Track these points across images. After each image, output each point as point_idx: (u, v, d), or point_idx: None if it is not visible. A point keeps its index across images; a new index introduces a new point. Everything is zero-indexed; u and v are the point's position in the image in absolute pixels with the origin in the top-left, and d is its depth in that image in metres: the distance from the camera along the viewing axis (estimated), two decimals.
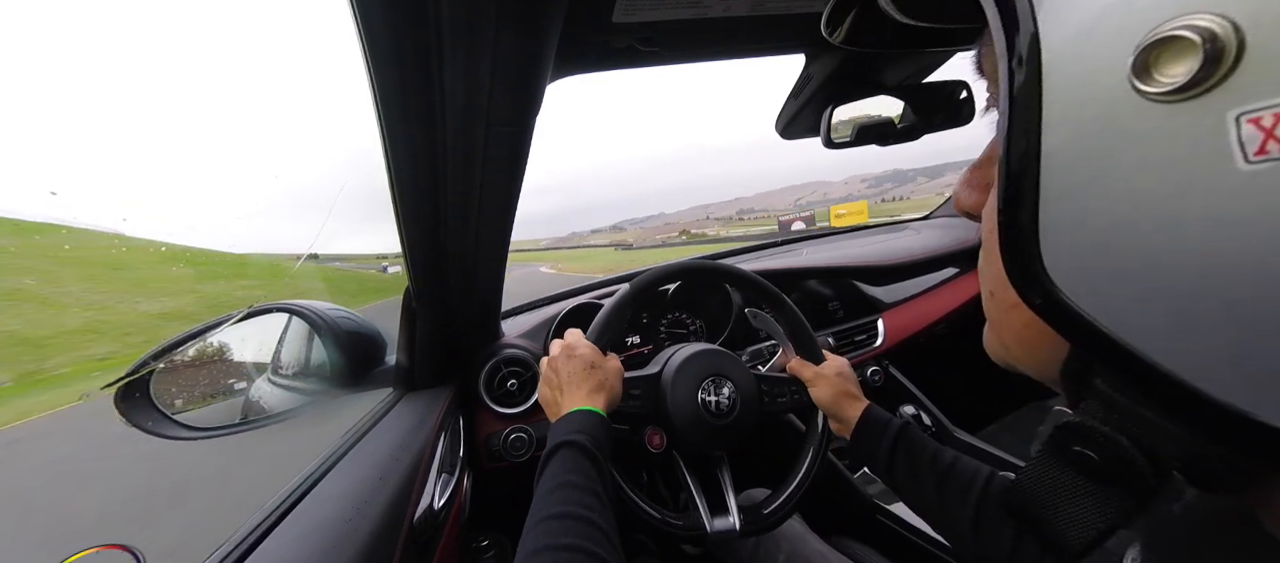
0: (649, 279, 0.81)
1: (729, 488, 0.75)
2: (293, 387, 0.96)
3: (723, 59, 0.67)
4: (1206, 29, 0.14)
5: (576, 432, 0.57)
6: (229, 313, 0.75)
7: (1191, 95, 0.15)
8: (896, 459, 0.63)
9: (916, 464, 0.61)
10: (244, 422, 0.78)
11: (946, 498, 0.58)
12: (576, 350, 0.68)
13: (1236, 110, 0.14)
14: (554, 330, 1.06)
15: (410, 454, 0.68)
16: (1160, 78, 0.15)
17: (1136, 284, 0.17)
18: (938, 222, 1.72)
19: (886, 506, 1.02)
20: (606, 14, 0.51)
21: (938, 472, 0.59)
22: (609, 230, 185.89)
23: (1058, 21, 0.17)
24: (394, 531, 0.56)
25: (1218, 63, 0.14)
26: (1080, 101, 0.17)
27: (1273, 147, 0.13)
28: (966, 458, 0.60)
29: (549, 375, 0.69)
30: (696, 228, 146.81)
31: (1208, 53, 0.14)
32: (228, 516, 0.64)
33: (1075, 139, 0.17)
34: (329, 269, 6.49)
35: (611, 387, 0.68)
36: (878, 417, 0.68)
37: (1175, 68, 0.15)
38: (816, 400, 0.76)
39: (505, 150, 0.59)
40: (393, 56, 0.46)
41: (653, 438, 0.74)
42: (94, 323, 20.81)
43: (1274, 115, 0.13)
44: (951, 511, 0.57)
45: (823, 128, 0.78)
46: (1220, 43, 0.14)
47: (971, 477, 0.57)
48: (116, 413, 0.63)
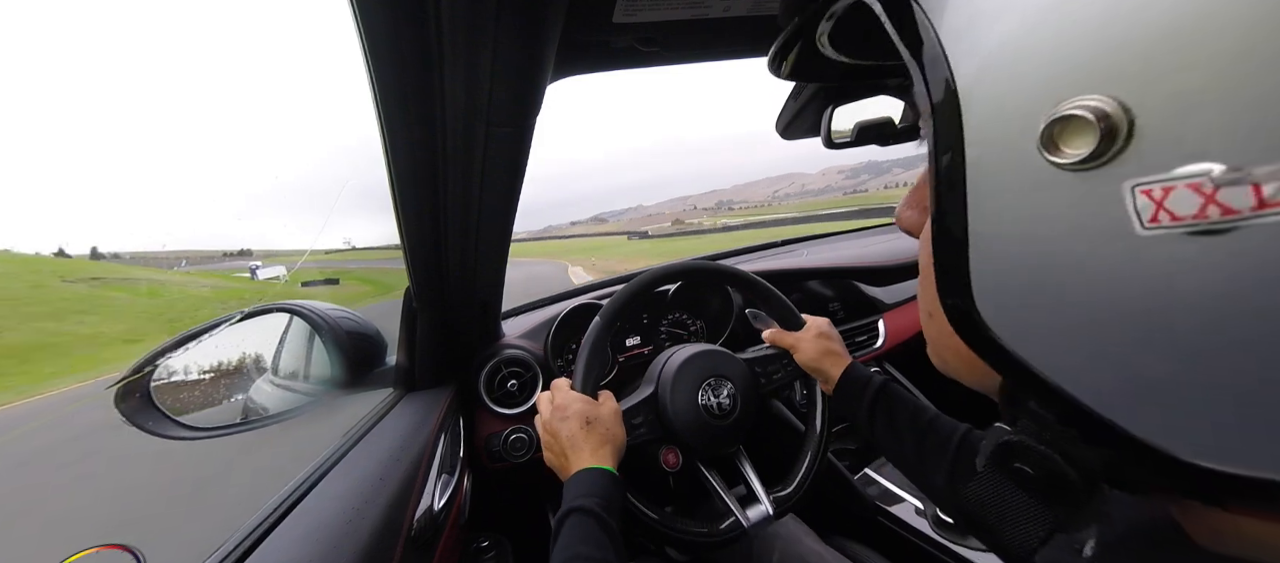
0: (622, 300, 0.77)
1: (753, 477, 0.76)
2: (293, 387, 0.96)
3: (723, 59, 0.67)
4: (1099, 109, 0.15)
5: (584, 495, 0.57)
6: (230, 313, 0.75)
7: (1092, 167, 0.16)
8: (877, 415, 0.65)
9: (896, 420, 0.64)
10: (244, 422, 0.79)
11: (925, 453, 0.60)
12: (568, 409, 0.65)
13: (1131, 182, 0.16)
14: (554, 333, 1.06)
15: (410, 455, 0.68)
16: (1066, 150, 0.16)
17: (1054, 327, 0.19)
18: None
19: (887, 507, 1.02)
20: (607, 14, 0.51)
21: (917, 428, 0.62)
22: (589, 221, 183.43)
23: (973, 94, 0.19)
24: (394, 531, 0.56)
25: (1112, 139, 0.15)
26: (999, 166, 0.19)
27: (1163, 216, 0.15)
28: (945, 416, 0.62)
29: (548, 441, 0.66)
30: (689, 218, 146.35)
31: (1103, 130, 0.15)
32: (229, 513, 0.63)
33: (996, 196, 0.19)
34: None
35: (614, 434, 0.66)
36: (859, 374, 0.70)
37: (1077, 142, 0.16)
38: (802, 364, 0.77)
39: (505, 151, 0.59)
40: (393, 57, 0.46)
41: (667, 458, 0.74)
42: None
43: (1163, 189, 0.15)
44: (929, 465, 0.60)
45: (823, 128, 0.77)
46: (1113, 122, 0.15)
47: (949, 433, 0.59)
48: (117, 412, 0.64)
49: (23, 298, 24.29)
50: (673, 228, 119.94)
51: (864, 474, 1.12)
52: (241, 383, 1.09)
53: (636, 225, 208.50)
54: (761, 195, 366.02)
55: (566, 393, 0.68)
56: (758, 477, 0.75)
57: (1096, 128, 0.15)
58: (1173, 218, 0.15)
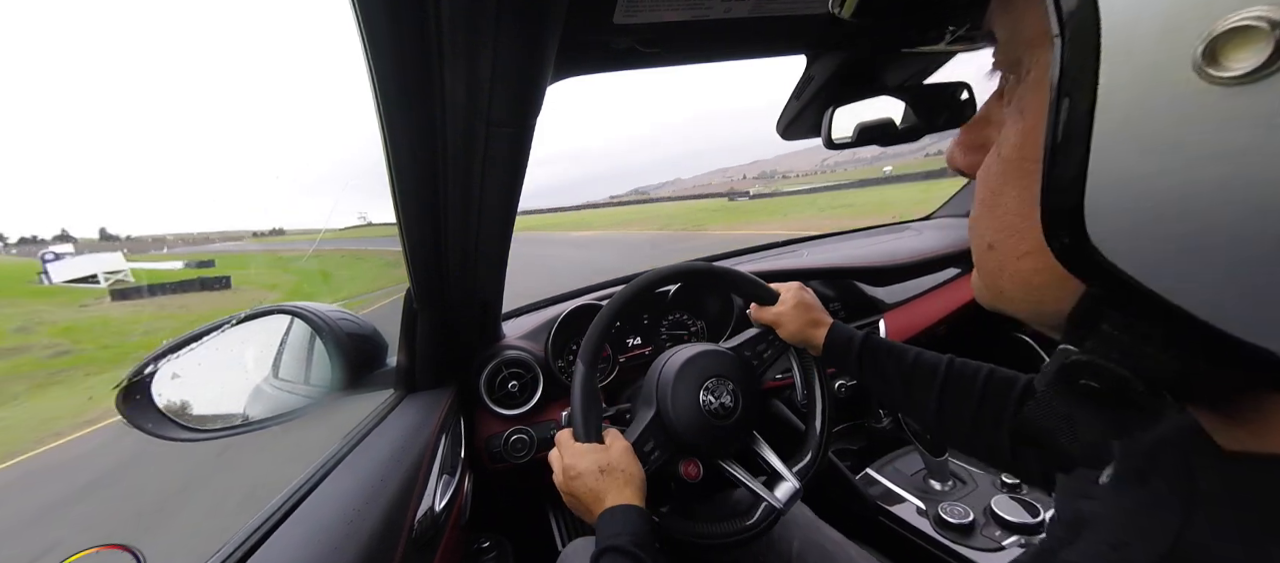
0: (592, 342, 0.73)
1: (774, 457, 0.77)
2: (293, 388, 0.96)
3: (724, 60, 0.67)
4: (1273, 17, 0.15)
5: (615, 535, 0.57)
6: (231, 314, 0.75)
7: (1258, 78, 0.15)
8: (865, 366, 0.71)
9: (883, 367, 0.69)
10: (245, 423, 0.78)
11: (913, 391, 0.66)
12: (579, 466, 0.64)
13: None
14: (554, 333, 1.06)
15: (411, 456, 0.68)
16: (1231, 65, 0.16)
17: (1188, 249, 0.18)
18: (938, 222, 1.72)
19: (888, 507, 1.02)
20: (607, 15, 0.51)
21: (902, 371, 0.67)
22: (630, 194, 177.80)
23: (1118, 16, 0.18)
24: (395, 532, 0.56)
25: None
26: (1139, 93, 0.18)
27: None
28: (926, 353, 0.68)
29: (570, 502, 0.65)
30: (739, 187, 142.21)
31: (1277, 39, 0.15)
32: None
33: (1135, 120, 0.18)
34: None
35: (632, 474, 0.64)
36: (842, 333, 0.75)
37: (1244, 55, 0.15)
38: (786, 337, 0.79)
39: (505, 151, 0.59)
40: (394, 57, 0.46)
41: (688, 470, 0.74)
42: None
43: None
44: (917, 400, 0.66)
45: (824, 129, 0.78)
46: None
47: (933, 368, 0.65)
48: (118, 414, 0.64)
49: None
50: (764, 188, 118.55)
51: (865, 474, 1.12)
52: (242, 385, 1.09)
53: (683, 194, 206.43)
54: (808, 164, 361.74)
55: (573, 449, 0.66)
56: (778, 457, 0.77)
57: (1270, 36, 0.15)
58: None
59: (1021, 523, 0.88)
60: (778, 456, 0.76)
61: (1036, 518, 0.88)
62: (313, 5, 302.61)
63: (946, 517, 0.92)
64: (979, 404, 0.60)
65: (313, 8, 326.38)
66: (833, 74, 0.71)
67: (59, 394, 8.59)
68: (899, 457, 1.15)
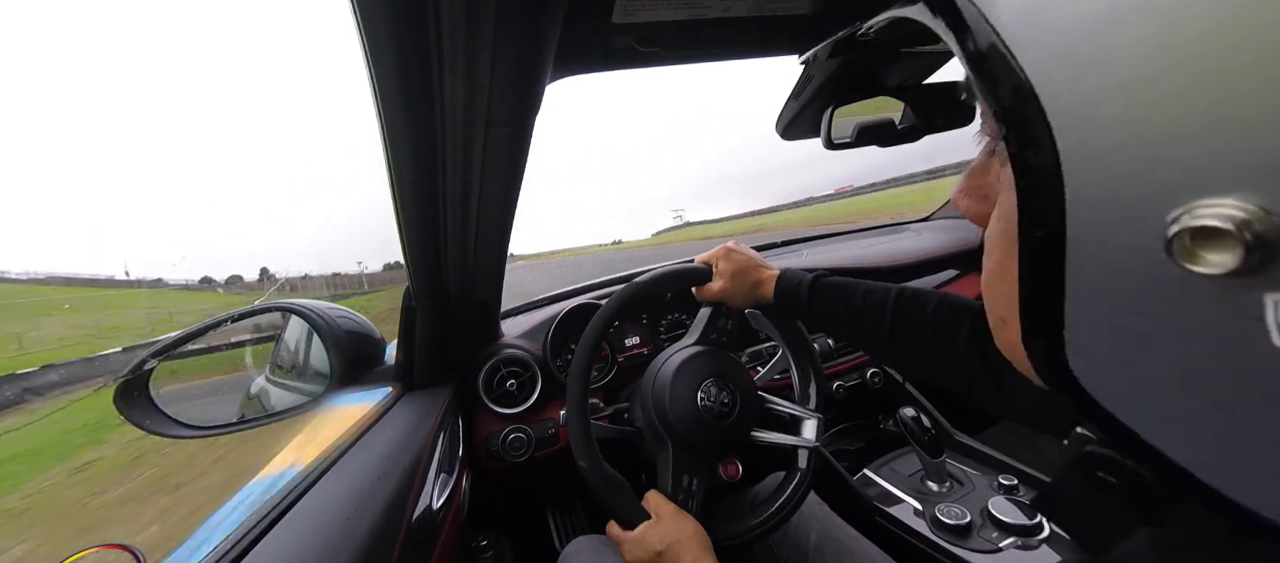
0: (578, 377, 0.70)
1: (785, 403, 0.79)
2: (291, 385, 0.96)
3: (723, 60, 0.67)
4: (1240, 219, 0.14)
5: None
6: (229, 312, 0.75)
7: (1236, 279, 0.15)
8: (814, 308, 0.71)
9: (832, 306, 0.69)
10: (242, 420, 0.78)
11: (863, 326, 0.66)
12: (643, 558, 0.62)
13: (1274, 296, 0.14)
14: (553, 333, 1.06)
15: (409, 454, 0.68)
16: (1209, 258, 0.15)
17: (1163, 403, 0.18)
18: (938, 223, 1.72)
19: (885, 508, 1.02)
20: (606, 14, 0.51)
21: (852, 308, 0.67)
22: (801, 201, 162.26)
23: (1084, 188, 0.17)
24: (392, 530, 0.56)
25: (1255, 253, 0.14)
26: (1110, 260, 0.17)
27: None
28: (876, 286, 0.67)
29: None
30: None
31: (1247, 244, 0.14)
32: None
33: (1104, 282, 0.18)
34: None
35: (690, 533, 0.63)
36: (789, 278, 0.74)
37: (1216, 255, 0.15)
38: (739, 307, 0.79)
39: (505, 151, 0.59)
40: (393, 56, 0.46)
41: (728, 470, 0.74)
42: None
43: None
44: (868, 333, 0.65)
45: (823, 129, 0.78)
46: (1263, 236, 0.14)
47: (881, 300, 0.65)
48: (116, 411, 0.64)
49: None
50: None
51: (863, 475, 1.12)
52: (240, 381, 1.09)
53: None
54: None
55: (631, 541, 0.64)
56: (785, 401, 0.79)
57: (1237, 240, 0.14)
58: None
59: (1018, 525, 0.88)
60: (779, 428, 0.78)
61: (1033, 520, 0.88)
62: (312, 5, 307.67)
63: (943, 518, 0.92)
64: (931, 332, 0.59)
65: (312, 8, 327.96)
66: (832, 74, 0.71)
67: None
68: (896, 458, 1.15)
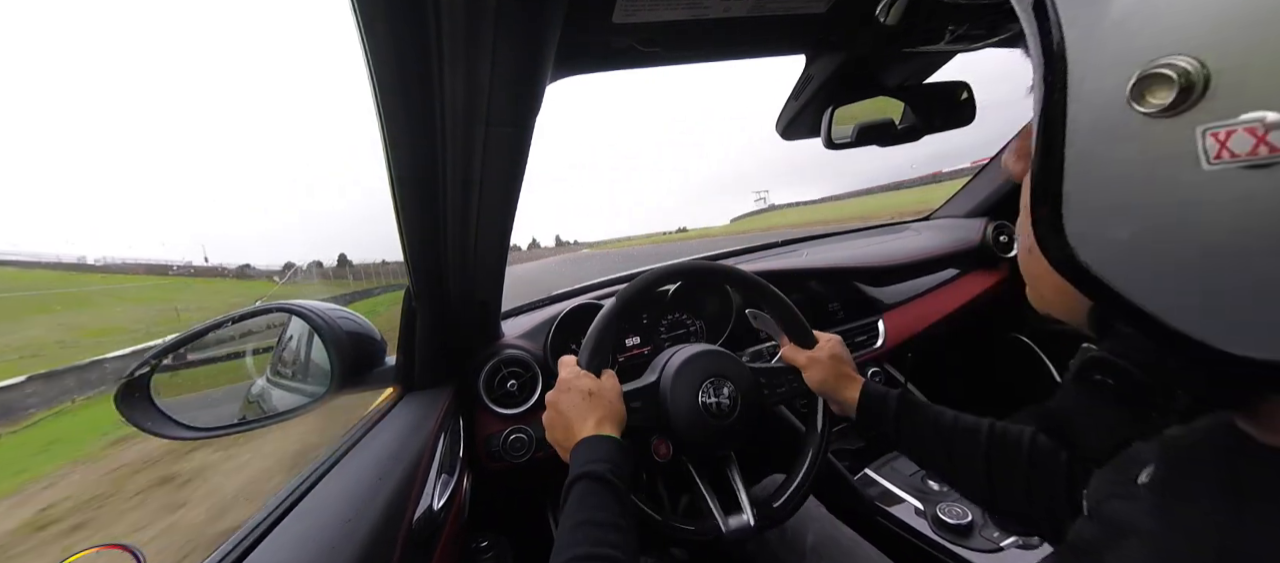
0: (636, 290, 0.77)
1: (740, 486, 0.75)
2: (292, 386, 0.96)
3: (723, 59, 0.67)
4: (1181, 68, 0.19)
5: (594, 460, 0.57)
6: (229, 313, 0.75)
7: (1171, 114, 0.20)
8: (902, 429, 0.67)
9: (920, 430, 0.66)
10: (243, 422, 0.79)
11: (956, 455, 0.63)
12: (572, 383, 0.66)
13: (1202, 127, 0.19)
14: (553, 333, 1.06)
15: (410, 455, 0.68)
16: (1151, 100, 0.20)
17: (1135, 252, 0.22)
18: (938, 223, 1.71)
19: (886, 507, 1.02)
20: (606, 15, 0.51)
21: (942, 433, 0.64)
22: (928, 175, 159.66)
23: (1080, 59, 0.22)
24: (393, 531, 0.56)
25: (1189, 93, 0.19)
26: (1094, 116, 0.22)
27: (1225, 154, 0.19)
28: (963, 415, 0.65)
29: (552, 417, 0.66)
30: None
31: (1182, 86, 0.19)
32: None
33: (1090, 141, 0.23)
34: None
35: (616, 410, 0.66)
36: (875, 393, 0.71)
37: (1160, 94, 0.20)
38: (812, 386, 0.77)
39: (505, 151, 0.59)
40: (393, 57, 0.46)
41: (659, 448, 0.74)
42: None
43: (1226, 132, 0.18)
44: (963, 465, 0.62)
45: (824, 129, 0.78)
46: (1192, 78, 0.19)
47: (974, 431, 0.62)
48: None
49: None
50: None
51: (864, 474, 1.12)
52: (241, 383, 1.09)
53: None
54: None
55: (571, 368, 0.70)
56: (744, 488, 0.74)
57: (1176, 83, 0.19)
58: (1232, 156, 0.18)
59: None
60: (744, 486, 0.74)
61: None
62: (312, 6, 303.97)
63: (944, 517, 0.92)
64: (1029, 469, 0.56)
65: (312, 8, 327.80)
66: (832, 74, 0.71)
67: None
68: (897, 457, 1.15)
